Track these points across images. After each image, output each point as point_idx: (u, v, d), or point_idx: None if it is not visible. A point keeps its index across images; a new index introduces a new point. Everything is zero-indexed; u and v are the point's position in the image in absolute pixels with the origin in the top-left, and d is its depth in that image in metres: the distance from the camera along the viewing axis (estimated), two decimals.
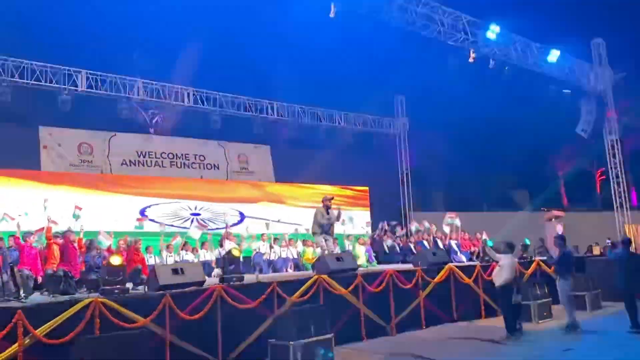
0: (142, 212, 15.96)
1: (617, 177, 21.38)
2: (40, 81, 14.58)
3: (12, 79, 14.12)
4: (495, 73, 17.80)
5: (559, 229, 15.15)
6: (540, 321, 11.33)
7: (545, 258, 14.17)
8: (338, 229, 16.52)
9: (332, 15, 13.21)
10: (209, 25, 18.62)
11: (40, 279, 9.73)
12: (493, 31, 16.40)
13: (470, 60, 16.29)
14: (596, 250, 17.04)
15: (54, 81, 14.74)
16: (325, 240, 11.29)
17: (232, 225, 16.05)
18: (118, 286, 7.97)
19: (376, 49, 17.06)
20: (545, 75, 18.89)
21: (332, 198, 11.72)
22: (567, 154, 31.81)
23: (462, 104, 24.38)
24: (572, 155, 31.66)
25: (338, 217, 11.37)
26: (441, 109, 23.94)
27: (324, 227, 11.22)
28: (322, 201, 11.43)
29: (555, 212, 16.00)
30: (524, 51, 17.87)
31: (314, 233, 11.44)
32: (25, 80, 14.35)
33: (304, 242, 15.07)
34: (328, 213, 11.25)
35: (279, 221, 17.19)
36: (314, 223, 11.27)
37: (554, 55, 18.45)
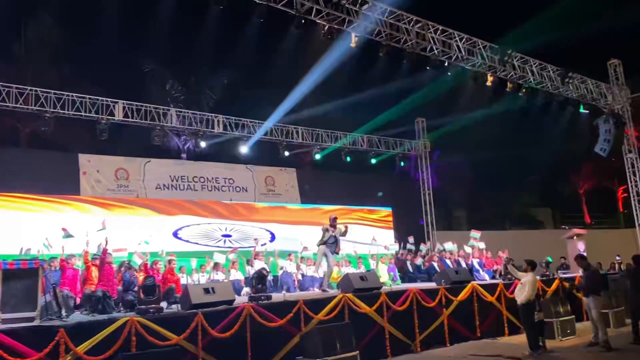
0: (175, 234, 16.23)
1: (638, 194, 21.00)
2: (80, 112, 15.03)
3: (54, 110, 14.59)
4: (513, 95, 17.75)
5: (581, 247, 14.89)
6: (563, 338, 11.11)
7: (566, 276, 13.96)
8: (363, 249, 16.67)
9: (353, 45, 13.42)
10: (235, 57, 19.14)
11: (79, 299, 9.95)
12: (509, 55, 16.39)
13: (488, 83, 16.29)
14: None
15: (92, 111, 15.17)
16: (326, 256, 11.51)
17: (261, 245, 16.18)
18: (153, 305, 8.13)
19: (395, 73, 17.17)
20: (562, 96, 18.74)
21: (336, 218, 11.99)
22: (588, 172, 31.34)
23: (482, 125, 24.31)
24: (593, 173, 31.18)
25: (344, 233, 11.72)
26: (461, 130, 23.91)
27: (327, 244, 11.45)
28: (330, 221, 11.77)
29: (577, 230, 15.72)
30: (540, 74, 17.79)
31: (318, 246, 11.69)
32: (66, 111, 14.80)
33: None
34: (334, 232, 11.53)
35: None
36: (320, 238, 11.60)
37: (570, 76, 18.32)
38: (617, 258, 18.55)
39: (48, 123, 14.63)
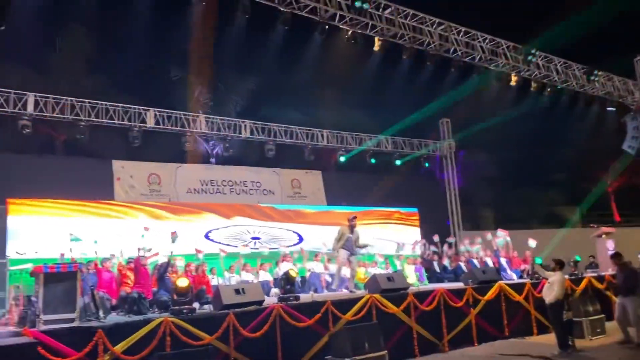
0: (207, 235, 16.43)
1: None
2: (113, 119, 15.37)
3: (88, 119, 14.96)
4: (537, 94, 17.49)
5: (610, 245, 14.60)
6: (593, 338, 10.91)
7: (595, 275, 13.68)
8: (390, 249, 16.62)
9: (376, 48, 13.43)
10: (261, 64, 19.30)
11: (115, 301, 10.18)
12: (533, 55, 16.16)
13: (512, 83, 16.09)
14: None
15: (125, 119, 15.51)
16: (349, 260, 11.47)
17: (288, 247, 16.29)
18: (186, 306, 8.28)
19: (419, 75, 17.11)
20: (588, 94, 18.38)
21: (355, 217, 11.89)
22: (616, 169, 30.61)
23: (507, 124, 24.00)
24: (622, 171, 30.44)
25: (363, 246, 11.73)
26: (486, 129, 23.64)
27: (345, 243, 11.37)
28: (348, 220, 11.67)
29: (605, 229, 15.41)
30: (565, 72, 17.49)
31: (333, 249, 11.65)
32: (100, 120, 15.17)
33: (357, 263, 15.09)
34: (352, 232, 11.40)
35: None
36: (335, 240, 11.54)
37: (596, 74, 17.96)
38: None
39: (83, 131, 15.00)
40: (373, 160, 20.28)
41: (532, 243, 15.72)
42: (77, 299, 7.64)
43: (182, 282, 8.61)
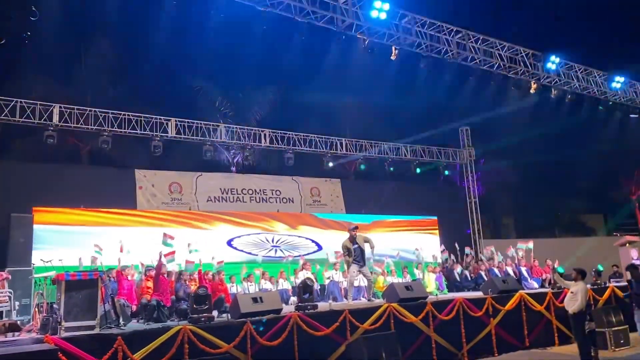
0: (229, 243, 16.51)
1: None
2: (136, 129, 15.59)
3: (111, 129, 15.19)
4: (558, 101, 17.24)
5: (634, 254, 14.27)
6: (616, 349, 10.65)
7: (619, 284, 13.36)
8: (409, 257, 16.51)
9: (393, 57, 13.41)
10: (280, 73, 19.41)
11: (135, 308, 10.27)
12: (553, 62, 15.94)
13: (532, 91, 15.89)
14: None
15: (147, 129, 15.72)
16: (360, 269, 11.32)
17: (307, 254, 16.27)
18: (204, 314, 8.31)
19: (437, 83, 17.02)
20: (610, 101, 18.04)
21: (357, 227, 11.82)
22: None
23: (527, 131, 23.67)
24: None
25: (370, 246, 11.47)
26: (506, 137, 23.36)
27: (354, 256, 11.25)
28: (348, 231, 11.65)
29: (629, 237, 15.07)
30: (586, 79, 17.21)
31: (346, 262, 11.56)
32: (122, 130, 15.39)
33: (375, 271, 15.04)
34: (354, 243, 11.31)
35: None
36: (344, 254, 11.50)
37: (617, 81, 17.63)
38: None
39: (106, 141, 15.23)
40: (392, 169, 20.17)
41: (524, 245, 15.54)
42: (98, 306, 7.74)
43: (201, 290, 8.66)
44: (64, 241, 13.82)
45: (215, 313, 9.48)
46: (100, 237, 14.15)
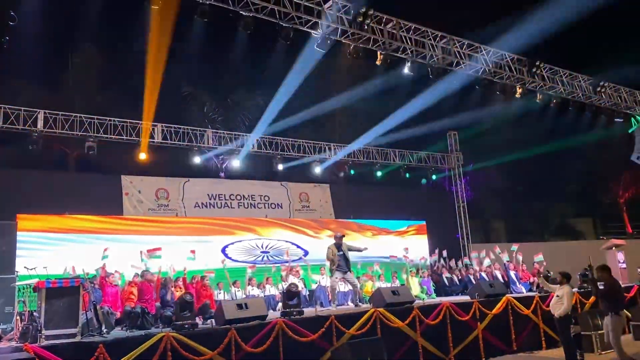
0: (224, 251, 16.44)
1: None
2: (122, 135, 15.51)
3: (97, 135, 15.10)
4: (543, 105, 17.36)
5: (620, 258, 14.36)
6: (602, 352, 10.68)
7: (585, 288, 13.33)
8: (398, 263, 16.52)
9: (378, 62, 13.44)
10: (268, 78, 19.40)
11: (119, 315, 10.18)
12: (537, 67, 16.07)
13: (517, 95, 15.99)
14: None
15: (133, 135, 15.64)
16: (344, 276, 11.43)
17: (294, 261, 16.20)
18: (188, 321, 8.25)
19: (424, 89, 17.12)
20: (595, 105, 18.19)
21: (343, 236, 11.94)
22: (628, 180, 30.27)
23: (515, 135, 23.89)
24: (634, 182, 30.09)
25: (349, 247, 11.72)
26: (494, 141, 23.52)
27: (338, 264, 11.34)
28: (335, 239, 11.74)
29: (615, 241, 15.18)
30: (570, 84, 17.35)
31: (330, 270, 11.63)
32: (108, 135, 15.30)
33: (364, 275, 15.07)
34: (339, 250, 11.41)
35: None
36: (327, 260, 11.56)
37: (602, 85, 17.79)
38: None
39: (92, 147, 15.12)
40: (380, 173, 20.22)
41: (540, 258, 15.57)
42: (80, 314, 7.65)
43: (185, 297, 8.60)
44: (49, 248, 13.70)
45: (199, 320, 9.43)
46: (86, 243, 14.10)
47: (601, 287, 8.84)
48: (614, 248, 14.82)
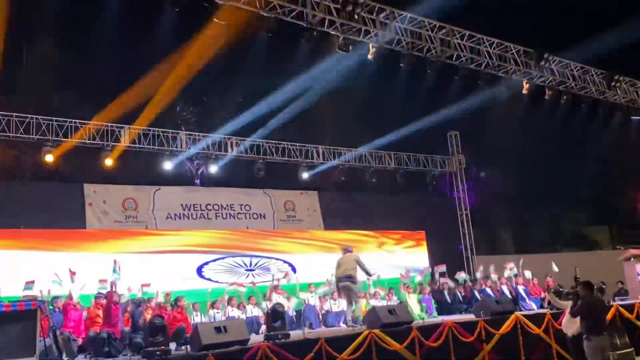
0: (199, 270, 16.35)
1: None
2: (84, 139, 15.42)
3: (55, 138, 15.01)
4: (553, 103, 17.56)
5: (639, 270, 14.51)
6: None
7: (624, 303, 13.52)
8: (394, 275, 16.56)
9: (370, 56, 13.53)
10: (249, 74, 19.41)
11: (82, 341, 10.09)
12: (546, 60, 16.25)
13: (524, 91, 16.16)
14: None
15: (97, 138, 15.56)
16: (349, 290, 11.41)
17: (281, 278, 16.17)
18: (161, 347, 8.19)
19: (421, 84, 17.20)
20: (609, 101, 18.44)
21: (351, 250, 11.97)
22: None
23: (522, 136, 24.06)
24: None
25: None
26: (499, 143, 23.69)
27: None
28: (342, 251, 11.83)
29: (634, 251, 15.31)
30: (583, 78, 17.56)
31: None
32: (68, 139, 15.21)
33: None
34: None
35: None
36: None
37: (617, 80, 18.03)
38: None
39: (50, 152, 15.01)
40: (374, 179, 20.27)
41: (555, 268, 15.66)
42: (37, 341, 7.58)
43: (156, 320, 8.54)
44: (1, 267, 13.53)
45: (173, 345, 9.37)
46: (44, 261, 13.95)
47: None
48: (632, 259, 14.95)
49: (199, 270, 16.34)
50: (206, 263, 16.57)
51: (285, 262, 17.76)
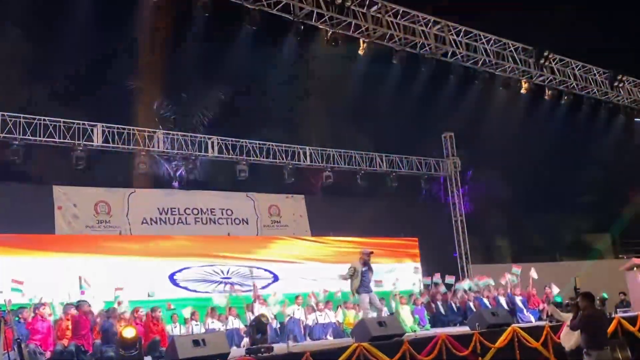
0: (172, 277, 16.22)
1: None
2: (54, 137, 15.29)
3: (23, 137, 14.85)
4: (553, 103, 17.73)
5: None
6: None
7: (627, 315, 13.65)
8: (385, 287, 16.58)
9: (361, 52, 13.58)
10: (230, 68, 19.39)
11: (49, 354, 10.00)
12: (546, 58, 16.40)
13: (523, 91, 16.29)
14: None
15: (67, 137, 15.43)
16: (371, 299, 11.53)
17: (263, 288, 16.13)
18: None
19: (414, 82, 17.28)
20: (612, 102, 18.64)
21: (371, 252, 11.96)
22: None
23: (520, 138, 24.22)
24: None
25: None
26: (496, 145, 23.84)
27: (362, 281, 11.48)
28: (360, 255, 11.78)
29: (637, 260, 15.48)
30: (584, 78, 17.74)
31: (355, 292, 11.67)
32: (37, 138, 15.07)
33: (345, 305, 15.06)
34: (365, 265, 11.61)
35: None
36: (351, 281, 11.62)
37: (620, 80, 18.24)
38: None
39: (17, 151, 14.87)
40: (364, 182, 20.30)
41: (534, 274, 15.83)
42: (0, 355, 7.49)
43: (129, 332, 8.49)
44: None
45: (148, 359, 9.32)
46: (10, 268, 13.79)
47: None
48: (635, 269, 15.11)
49: (171, 277, 16.18)
50: (179, 270, 16.42)
51: (267, 270, 17.68)
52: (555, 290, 15.57)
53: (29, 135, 14.95)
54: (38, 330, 10.28)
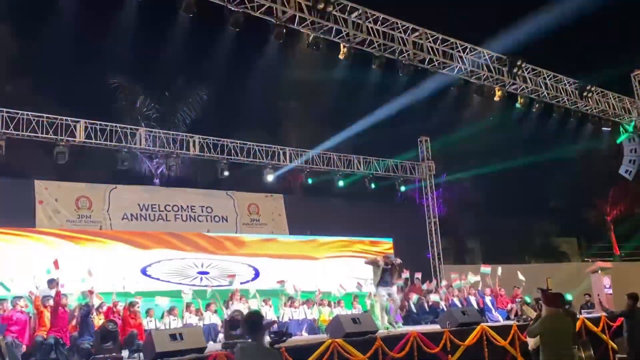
0: (144, 271, 16.12)
1: None
2: (36, 132, 15.09)
3: (5, 131, 14.63)
4: (525, 111, 17.95)
5: (606, 282, 14.90)
6: None
7: (591, 316, 13.86)
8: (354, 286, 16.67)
9: (342, 56, 13.64)
10: (213, 68, 19.30)
11: (26, 347, 9.86)
12: (518, 67, 16.62)
13: (496, 99, 16.48)
14: None
15: (50, 132, 15.23)
16: (389, 291, 12.41)
17: (242, 283, 16.08)
18: (112, 354, 8.08)
19: (393, 87, 17.39)
20: (581, 111, 18.93)
21: (400, 263, 13.22)
22: (616, 196, 31.37)
23: (493, 144, 24.46)
24: (622, 198, 31.20)
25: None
26: (470, 150, 24.02)
27: (382, 276, 12.36)
28: (385, 258, 12.76)
29: (601, 264, 15.74)
30: (555, 87, 18.00)
31: (376, 286, 12.69)
32: (19, 132, 14.86)
33: (320, 302, 15.09)
34: (388, 264, 12.47)
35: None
36: (374, 276, 12.64)
37: (589, 90, 18.54)
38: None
39: (0, 146, 14.64)
40: (342, 183, 20.33)
41: (522, 277, 15.98)
42: None
43: (108, 325, 8.42)
44: None
45: (125, 353, 9.24)
46: None
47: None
48: (599, 271, 15.36)
49: (144, 270, 16.08)
50: (153, 263, 16.33)
51: (250, 265, 17.66)
52: (521, 278, 15.80)
53: (11, 130, 14.74)
54: (15, 322, 10.13)
